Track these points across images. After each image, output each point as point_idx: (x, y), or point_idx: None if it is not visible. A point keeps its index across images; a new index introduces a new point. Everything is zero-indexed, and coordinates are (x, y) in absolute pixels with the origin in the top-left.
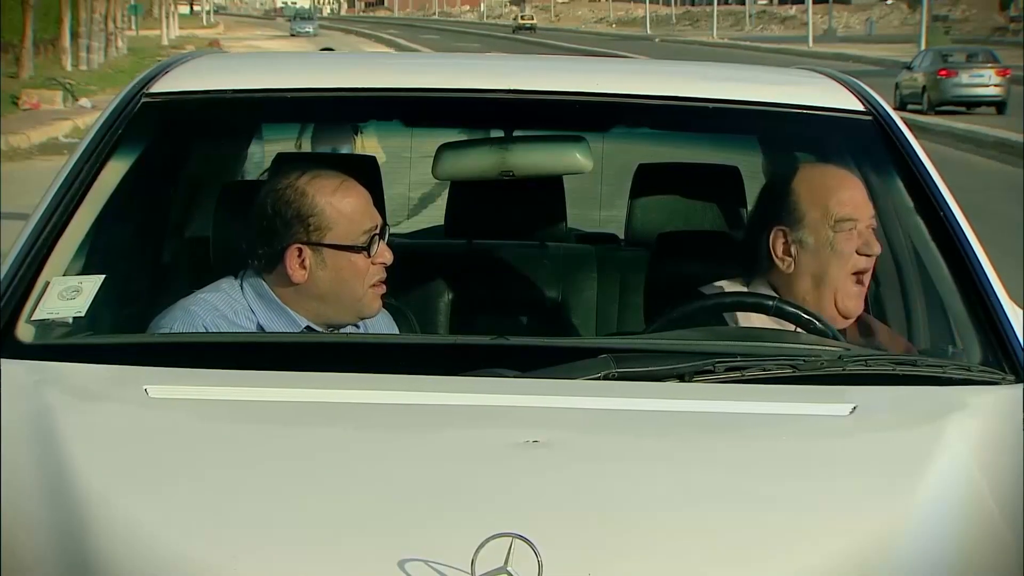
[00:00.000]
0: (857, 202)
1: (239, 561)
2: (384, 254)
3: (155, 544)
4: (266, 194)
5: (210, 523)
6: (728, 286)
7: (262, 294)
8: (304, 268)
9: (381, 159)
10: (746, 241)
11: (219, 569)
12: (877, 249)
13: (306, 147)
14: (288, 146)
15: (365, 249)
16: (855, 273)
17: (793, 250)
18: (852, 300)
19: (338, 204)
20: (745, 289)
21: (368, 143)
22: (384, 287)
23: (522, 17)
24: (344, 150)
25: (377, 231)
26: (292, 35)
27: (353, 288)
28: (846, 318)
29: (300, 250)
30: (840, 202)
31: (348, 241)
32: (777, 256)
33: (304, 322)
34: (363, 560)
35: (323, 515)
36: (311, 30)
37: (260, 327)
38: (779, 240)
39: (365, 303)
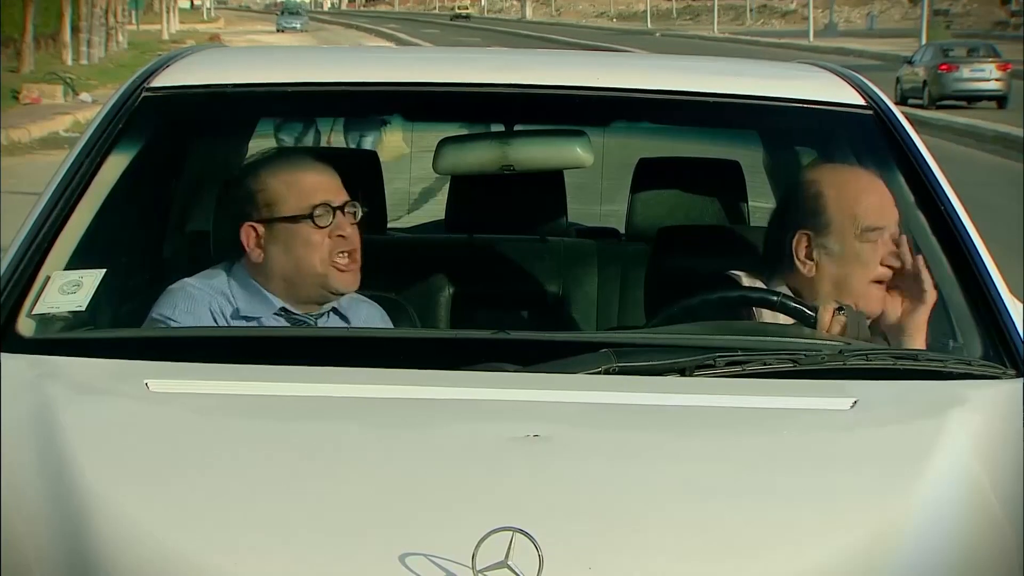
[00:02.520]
0: (884, 209)
1: (239, 556)
2: (343, 227)
3: (155, 539)
4: (228, 179)
5: (210, 518)
6: (746, 278)
7: (240, 279)
8: (260, 247)
9: (404, 150)
10: (768, 238)
11: (218, 564)
12: (898, 263)
13: (337, 139)
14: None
15: (308, 218)
16: (876, 281)
17: (816, 255)
18: (873, 303)
19: (285, 177)
20: (761, 284)
21: (394, 136)
22: (354, 264)
23: (459, 7)
24: (370, 140)
25: (336, 205)
26: (279, 31)
27: (309, 262)
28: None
29: (253, 228)
30: (868, 210)
31: (294, 212)
32: (799, 259)
33: (279, 303)
34: (364, 555)
35: (324, 510)
36: (298, 26)
37: (237, 311)
38: (802, 243)
39: (330, 277)
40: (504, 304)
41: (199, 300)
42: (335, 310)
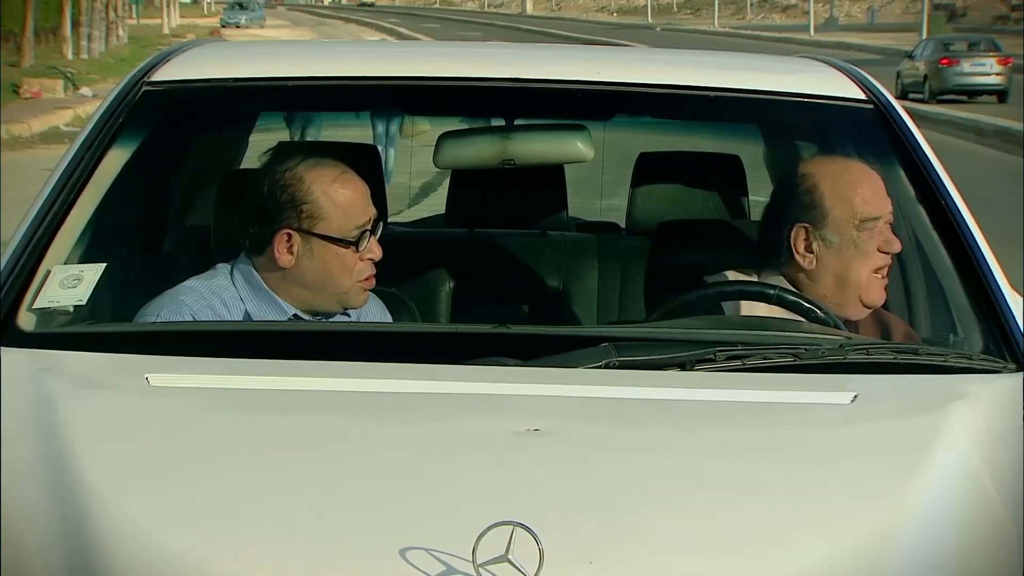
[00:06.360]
0: (879, 199)
1: (239, 550)
2: (373, 250)
3: (156, 534)
4: (264, 176)
5: (210, 512)
6: (737, 277)
7: (251, 280)
8: (291, 254)
9: (426, 127)
10: (762, 233)
11: (219, 559)
12: (897, 247)
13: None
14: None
15: (354, 244)
16: (877, 270)
17: (815, 247)
18: (875, 293)
19: (334, 195)
20: (756, 279)
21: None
22: (373, 280)
23: None
24: (394, 127)
25: (369, 227)
26: (223, 27)
27: (338, 281)
28: (869, 308)
29: (289, 235)
30: (864, 200)
31: (339, 234)
32: (798, 252)
33: (291, 310)
34: (365, 549)
35: (324, 504)
36: (243, 20)
37: (248, 315)
38: (800, 237)
39: (351, 296)
40: (504, 298)
41: (183, 306)
42: None
